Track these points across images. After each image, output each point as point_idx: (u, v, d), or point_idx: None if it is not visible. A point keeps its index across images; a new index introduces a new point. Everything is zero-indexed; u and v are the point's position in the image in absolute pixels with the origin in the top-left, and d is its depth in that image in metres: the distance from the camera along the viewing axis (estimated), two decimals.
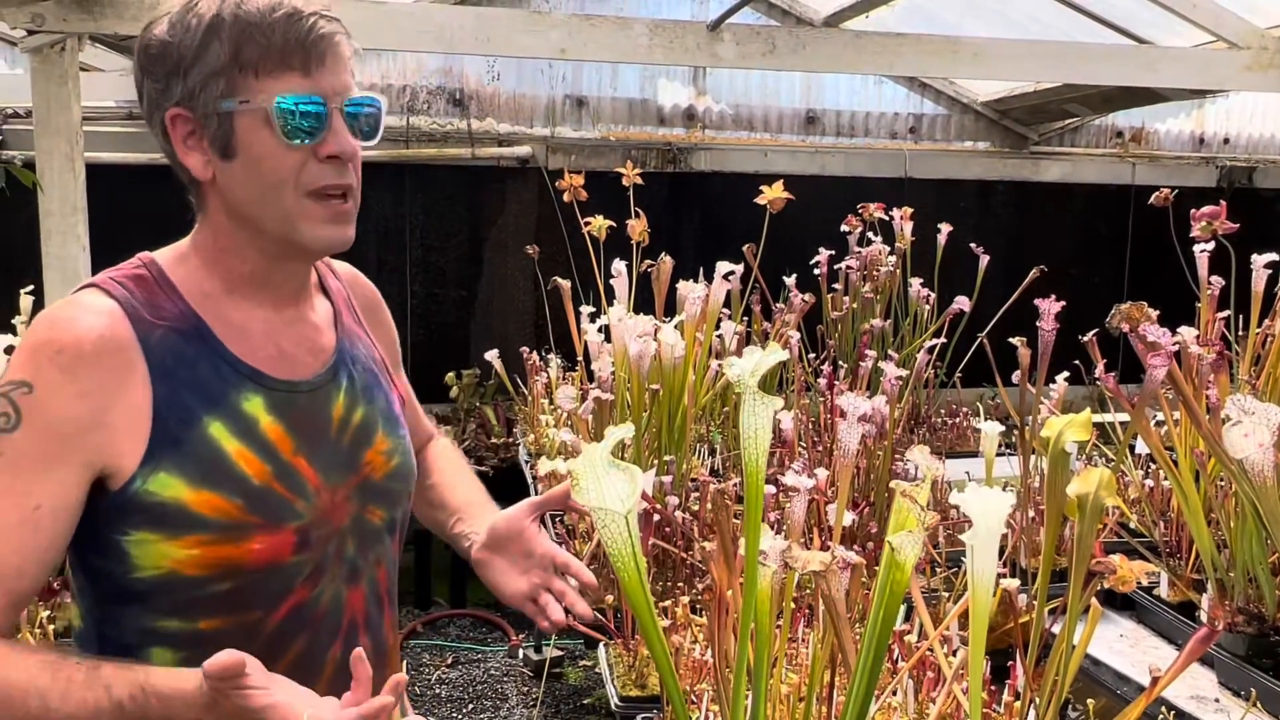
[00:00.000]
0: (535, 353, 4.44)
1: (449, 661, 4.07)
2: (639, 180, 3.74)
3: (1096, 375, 2.46)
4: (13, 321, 3.37)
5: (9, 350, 2.16)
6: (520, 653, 2.86)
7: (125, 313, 1.24)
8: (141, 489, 1.20)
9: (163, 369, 1.23)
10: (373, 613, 1.41)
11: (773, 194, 3.51)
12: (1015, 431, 2.81)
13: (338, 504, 1.34)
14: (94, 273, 4.08)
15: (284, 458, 1.28)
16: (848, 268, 4.26)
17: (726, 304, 3.61)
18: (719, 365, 3.29)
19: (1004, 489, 2.79)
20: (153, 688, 1.10)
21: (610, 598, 2.24)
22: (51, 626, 2.25)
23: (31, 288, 3.52)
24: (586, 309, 3.59)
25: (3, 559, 1.16)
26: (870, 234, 4.36)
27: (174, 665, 1.20)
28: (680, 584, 2.43)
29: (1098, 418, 1.66)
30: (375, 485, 1.39)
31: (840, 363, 4.01)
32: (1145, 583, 2.24)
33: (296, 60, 1.20)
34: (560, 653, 2.89)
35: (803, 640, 2.07)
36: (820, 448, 3.20)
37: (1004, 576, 2.04)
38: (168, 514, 1.21)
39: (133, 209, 5.28)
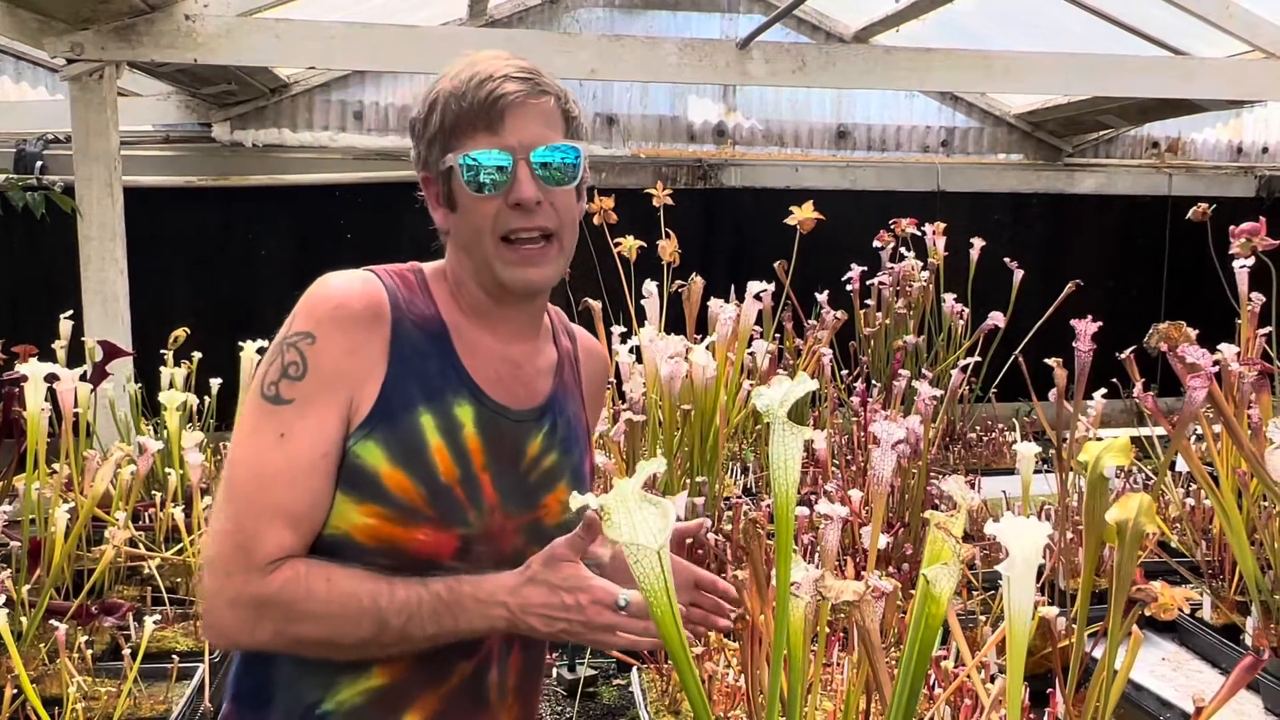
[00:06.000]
0: None
1: None
2: (669, 201, 3.74)
3: (1134, 394, 2.42)
4: (53, 346, 3.40)
5: (49, 379, 2.19)
6: (554, 671, 2.88)
7: (389, 298, 1.38)
8: (351, 448, 1.31)
9: (401, 354, 1.36)
10: (503, 651, 1.43)
11: (802, 214, 3.50)
12: (1051, 448, 2.78)
13: (508, 531, 1.40)
14: (131, 297, 4.11)
15: (474, 467, 1.37)
16: (880, 283, 4.24)
17: (758, 322, 3.59)
18: (751, 384, 3.28)
19: (1040, 509, 2.78)
20: (465, 579, 1.28)
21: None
22: (89, 651, 2.26)
23: (71, 313, 3.55)
24: (618, 329, 3.59)
25: (299, 501, 1.29)
26: (903, 249, 4.34)
27: None
28: None
29: (1134, 432, 1.64)
30: (547, 529, 1.43)
31: (873, 380, 3.99)
32: (1187, 609, 2.20)
33: (482, 121, 1.36)
34: (594, 672, 2.89)
35: (837, 665, 2.06)
36: (854, 467, 3.18)
37: (1041, 601, 2.01)
38: (361, 479, 1.31)
39: (169, 231, 5.37)
